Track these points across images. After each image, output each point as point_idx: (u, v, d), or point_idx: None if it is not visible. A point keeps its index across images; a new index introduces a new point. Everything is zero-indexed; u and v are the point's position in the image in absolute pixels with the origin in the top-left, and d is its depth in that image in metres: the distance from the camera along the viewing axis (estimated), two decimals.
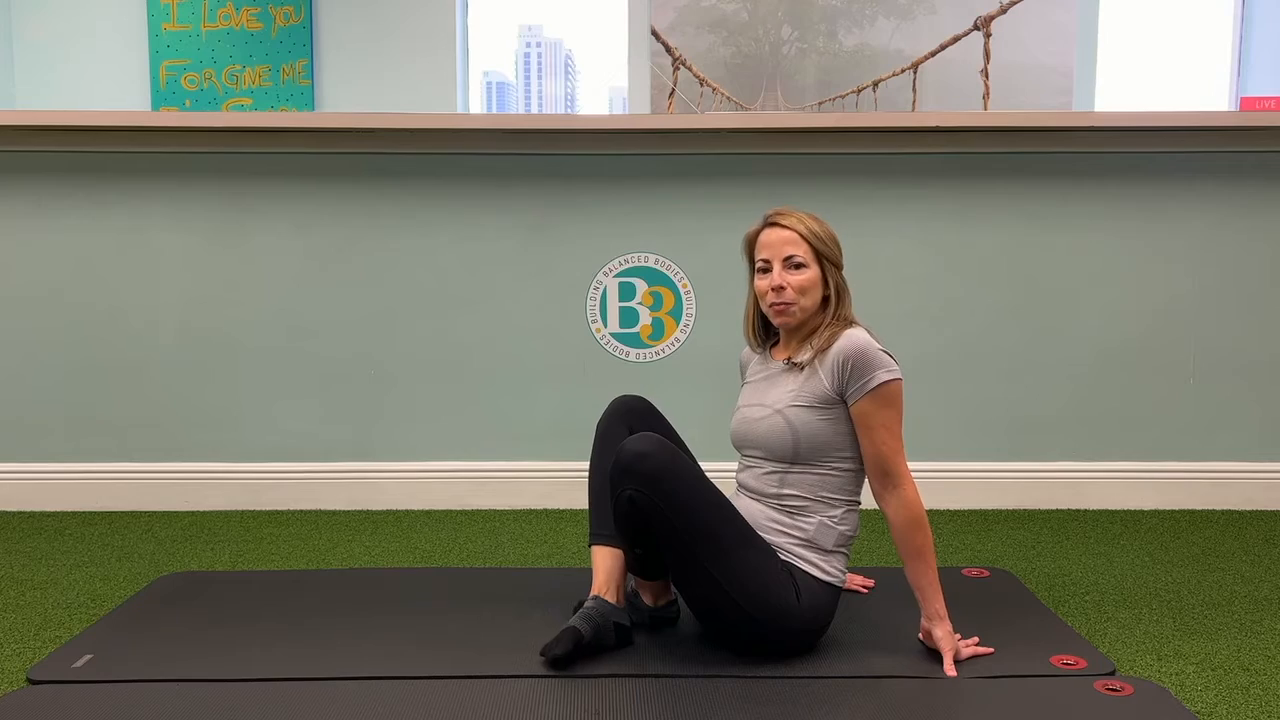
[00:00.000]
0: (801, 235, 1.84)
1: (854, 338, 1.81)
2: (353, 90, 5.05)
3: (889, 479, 1.78)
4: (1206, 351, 2.94)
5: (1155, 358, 2.94)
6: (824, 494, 1.83)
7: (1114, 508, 2.95)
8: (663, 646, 1.85)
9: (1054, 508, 2.95)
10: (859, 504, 1.87)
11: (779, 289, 1.85)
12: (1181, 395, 2.95)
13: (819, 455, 1.82)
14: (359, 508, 2.97)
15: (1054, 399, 2.95)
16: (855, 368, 1.78)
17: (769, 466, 1.86)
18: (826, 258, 1.86)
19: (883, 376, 1.78)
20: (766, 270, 1.87)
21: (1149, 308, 2.94)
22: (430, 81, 5.06)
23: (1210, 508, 2.95)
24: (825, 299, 1.87)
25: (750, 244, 1.92)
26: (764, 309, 1.91)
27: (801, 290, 1.84)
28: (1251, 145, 2.88)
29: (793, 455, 1.82)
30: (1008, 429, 2.97)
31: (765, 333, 1.99)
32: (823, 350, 1.82)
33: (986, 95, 4.83)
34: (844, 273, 1.89)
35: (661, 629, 1.93)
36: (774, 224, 1.88)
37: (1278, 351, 2.94)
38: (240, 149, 2.90)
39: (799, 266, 1.84)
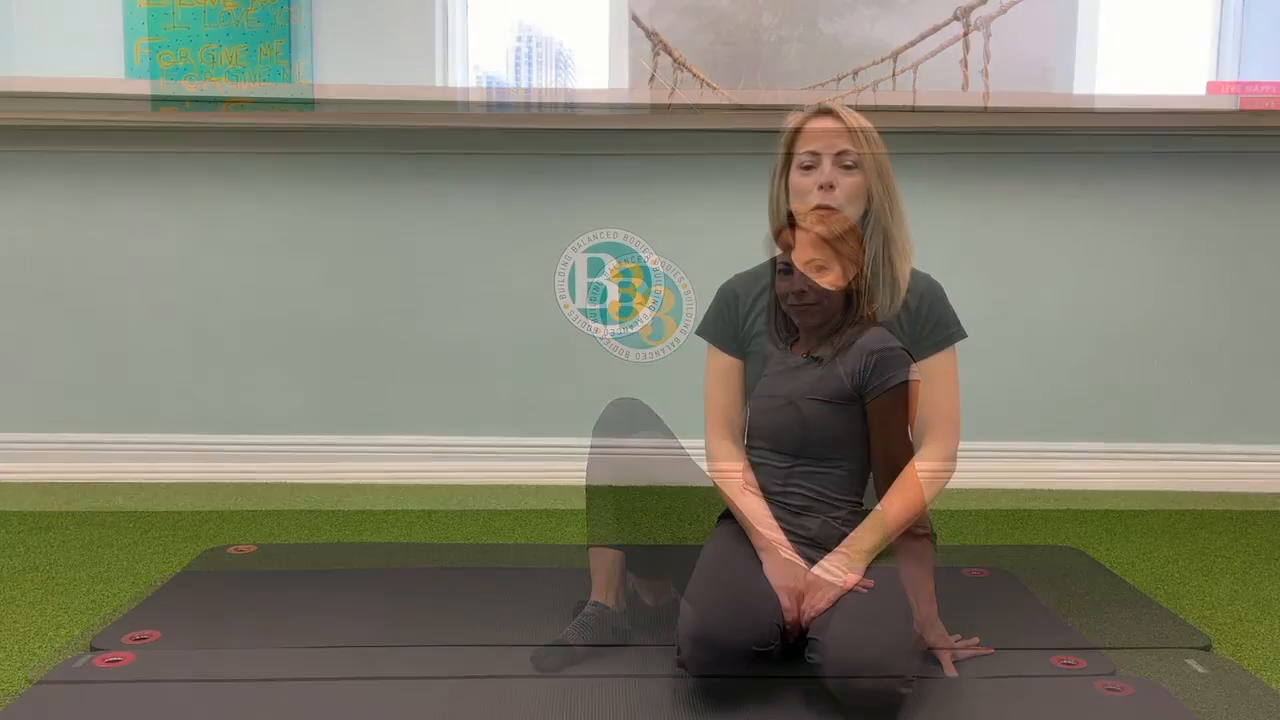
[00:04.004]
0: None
1: (878, 334, 1.79)
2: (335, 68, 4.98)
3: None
4: (1207, 351, 2.94)
5: (1154, 357, 2.94)
6: (828, 494, 1.82)
7: (1113, 507, 2.95)
8: (663, 646, 1.85)
9: (1054, 507, 2.95)
10: (861, 506, 1.87)
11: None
12: (1182, 395, 2.95)
13: (826, 451, 1.81)
14: (357, 507, 2.96)
15: (1054, 398, 2.95)
16: (879, 364, 1.77)
17: (775, 460, 1.85)
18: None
19: (903, 376, 1.78)
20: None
21: (1149, 304, 2.94)
22: (416, 66, 4.99)
23: (1210, 508, 2.95)
24: (848, 293, 1.77)
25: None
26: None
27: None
28: (1251, 147, 2.88)
29: (799, 448, 1.82)
30: (1006, 428, 2.96)
31: (787, 328, 1.91)
32: (844, 347, 1.81)
33: (986, 95, 4.81)
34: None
35: (662, 629, 1.93)
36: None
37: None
38: (220, 125, 2.87)
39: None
